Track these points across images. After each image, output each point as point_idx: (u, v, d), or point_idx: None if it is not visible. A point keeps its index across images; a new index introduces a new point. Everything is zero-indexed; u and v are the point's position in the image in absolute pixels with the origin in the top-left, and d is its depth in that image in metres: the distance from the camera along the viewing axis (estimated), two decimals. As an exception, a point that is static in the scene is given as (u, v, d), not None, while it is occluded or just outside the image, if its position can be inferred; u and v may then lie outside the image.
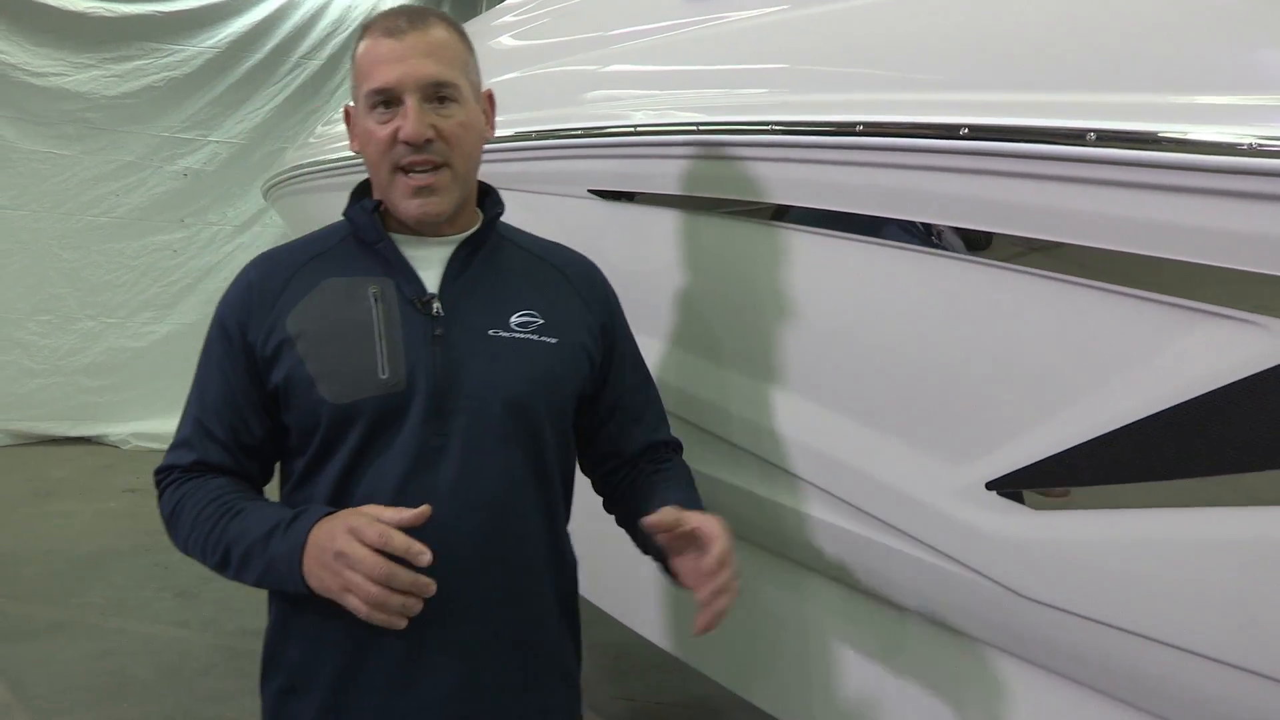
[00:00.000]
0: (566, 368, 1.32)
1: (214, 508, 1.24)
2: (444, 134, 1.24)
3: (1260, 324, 0.97)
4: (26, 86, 6.18)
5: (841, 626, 1.57)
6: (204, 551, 1.24)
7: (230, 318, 1.28)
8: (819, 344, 1.46)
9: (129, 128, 6.50)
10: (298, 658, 1.28)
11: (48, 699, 3.11)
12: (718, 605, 1.18)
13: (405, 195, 1.25)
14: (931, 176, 1.19)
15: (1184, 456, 1.05)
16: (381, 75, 1.23)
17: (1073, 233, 1.09)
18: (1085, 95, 1.05)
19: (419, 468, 1.22)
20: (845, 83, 1.37)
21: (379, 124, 1.24)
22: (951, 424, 1.27)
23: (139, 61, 6.51)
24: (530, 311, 1.30)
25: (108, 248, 6.50)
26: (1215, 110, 0.96)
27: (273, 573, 1.19)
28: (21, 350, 6.27)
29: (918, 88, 1.27)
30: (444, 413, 1.23)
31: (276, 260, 1.32)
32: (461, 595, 1.22)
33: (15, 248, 6.25)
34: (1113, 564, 1.12)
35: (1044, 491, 1.16)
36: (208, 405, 1.29)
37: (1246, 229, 0.96)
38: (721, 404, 1.64)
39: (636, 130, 1.64)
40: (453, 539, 1.20)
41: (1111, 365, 1.10)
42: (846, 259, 1.35)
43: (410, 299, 1.26)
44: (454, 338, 1.25)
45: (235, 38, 6.82)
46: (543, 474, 1.31)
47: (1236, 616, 1.03)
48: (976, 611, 1.30)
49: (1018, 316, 1.17)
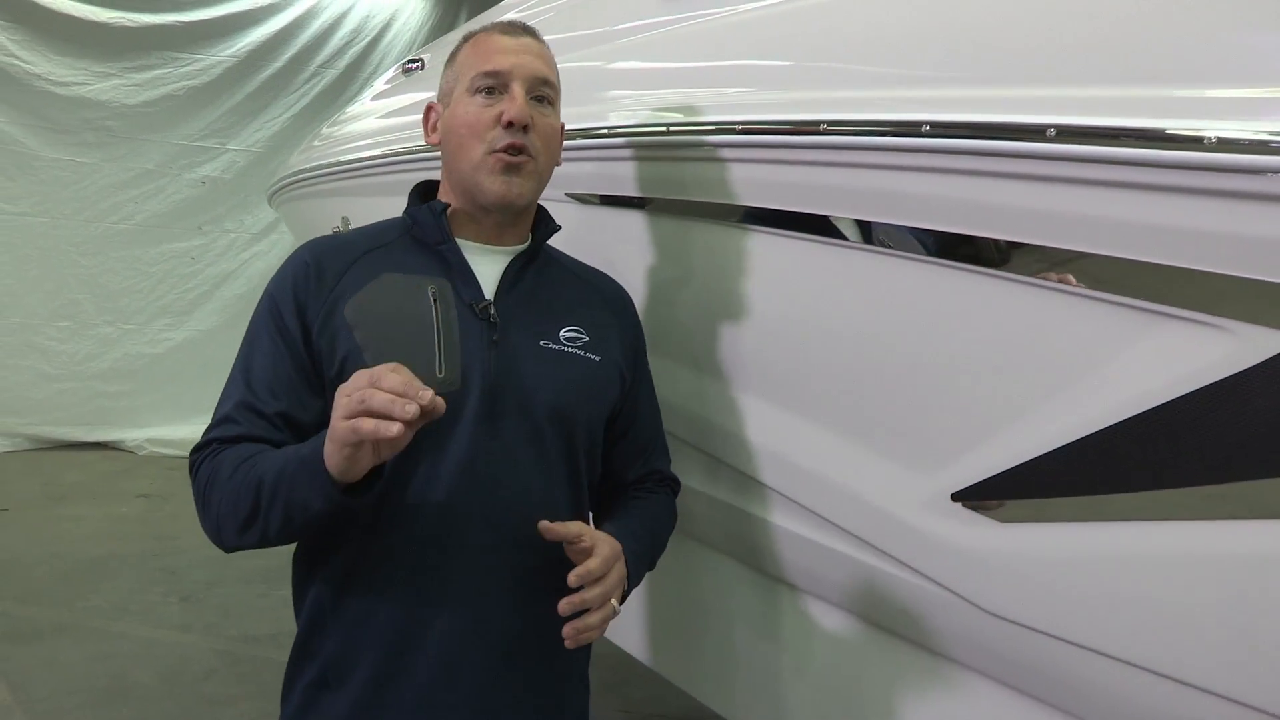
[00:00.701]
0: (605, 385, 1.36)
1: (254, 460, 1.18)
2: (539, 128, 1.30)
3: (1226, 328, 0.93)
4: (49, 95, 6.27)
5: (809, 637, 1.54)
6: (235, 505, 1.17)
7: (285, 296, 1.27)
8: (779, 347, 1.43)
9: (148, 136, 6.58)
10: (334, 650, 1.26)
11: (48, 701, 3.11)
12: (577, 623, 1.18)
13: (495, 171, 1.28)
14: (891, 176, 1.16)
15: (1152, 465, 1.01)
16: (496, 61, 1.30)
17: (1038, 233, 1.06)
18: (1047, 90, 1.02)
19: (472, 467, 1.24)
20: (819, 80, 1.34)
21: (482, 107, 1.29)
22: (915, 430, 1.24)
23: (159, 70, 6.60)
24: (577, 328, 1.35)
25: (126, 254, 6.57)
26: (1178, 103, 0.92)
27: (298, 485, 1.11)
28: (40, 355, 6.33)
29: (894, 84, 1.24)
30: (495, 415, 1.26)
31: (334, 246, 1.34)
32: (504, 591, 1.25)
33: (35, 254, 6.32)
34: (1082, 580, 1.08)
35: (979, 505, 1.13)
36: (255, 382, 1.25)
37: (1212, 228, 0.92)
38: (685, 407, 1.62)
39: (612, 133, 1.62)
40: (496, 535, 1.24)
41: (1077, 370, 1.06)
42: (805, 261, 1.32)
43: (468, 303, 1.28)
44: (509, 344, 1.28)
45: (254, 47, 6.90)
46: (576, 482, 1.35)
47: (1216, 639, 0.98)
48: (942, 627, 1.26)
49: (979, 318, 1.14)
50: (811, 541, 1.41)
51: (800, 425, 1.40)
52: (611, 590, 1.21)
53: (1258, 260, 0.89)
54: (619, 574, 1.23)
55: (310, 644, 1.29)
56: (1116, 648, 1.05)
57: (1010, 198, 1.04)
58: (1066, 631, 1.09)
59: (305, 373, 1.26)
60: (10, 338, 6.25)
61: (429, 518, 1.24)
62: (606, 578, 1.20)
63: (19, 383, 6.26)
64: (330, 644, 1.27)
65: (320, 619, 1.28)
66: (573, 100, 1.44)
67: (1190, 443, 0.97)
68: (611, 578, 1.21)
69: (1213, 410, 0.94)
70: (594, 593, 1.18)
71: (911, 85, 1.18)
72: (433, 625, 1.23)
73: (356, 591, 1.25)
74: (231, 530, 1.19)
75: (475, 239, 1.34)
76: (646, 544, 1.37)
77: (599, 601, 1.19)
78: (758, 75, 1.46)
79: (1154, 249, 0.96)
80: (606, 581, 1.20)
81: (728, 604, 1.69)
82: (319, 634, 1.28)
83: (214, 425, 1.26)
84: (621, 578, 1.24)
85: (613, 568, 1.22)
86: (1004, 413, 1.12)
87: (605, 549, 1.21)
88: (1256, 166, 0.87)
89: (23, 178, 6.26)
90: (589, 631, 1.19)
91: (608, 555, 1.21)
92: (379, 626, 1.24)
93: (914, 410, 1.23)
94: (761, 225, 1.40)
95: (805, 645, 1.56)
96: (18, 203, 6.27)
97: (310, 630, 1.29)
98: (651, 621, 1.87)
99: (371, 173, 2.71)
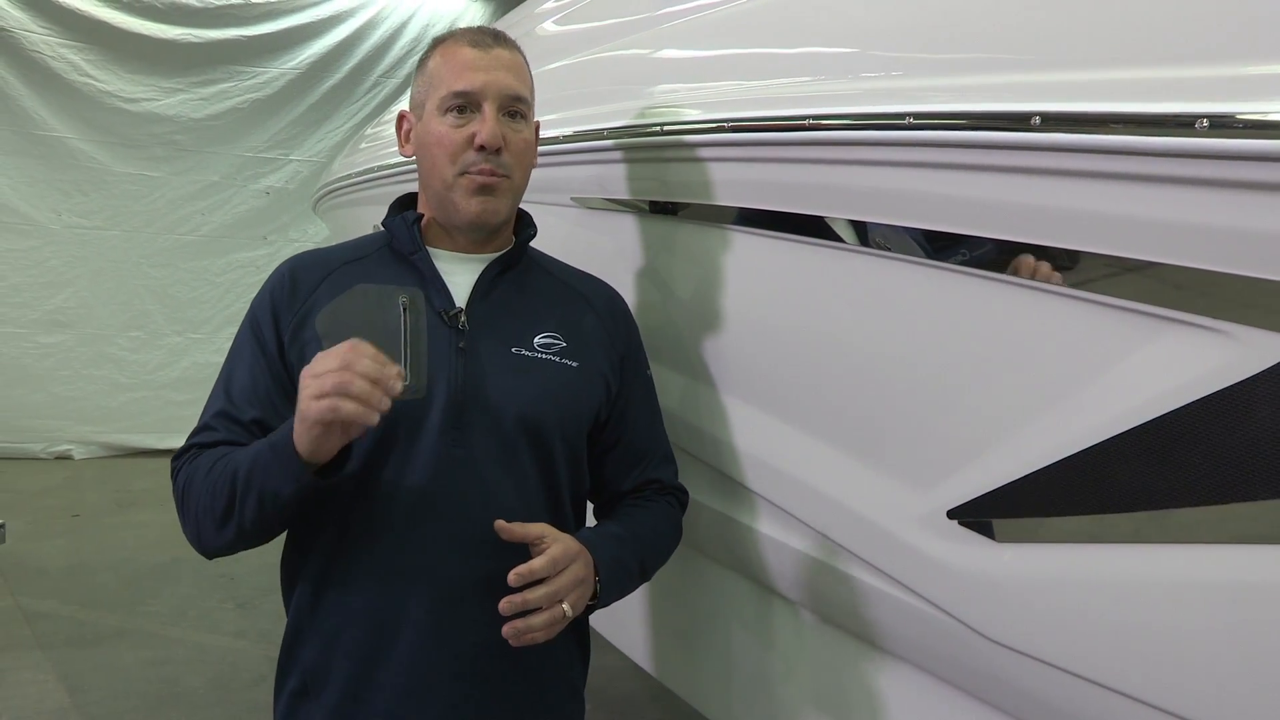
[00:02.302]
0: (583, 392, 1.32)
1: (227, 458, 1.20)
2: (511, 146, 1.28)
3: (1229, 333, 0.84)
4: (120, 112, 6.48)
5: (809, 651, 1.48)
6: (211, 503, 1.18)
7: (264, 309, 1.30)
8: (777, 356, 1.37)
9: (214, 148, 6.75)
10: (311, 660, 1.27)
11: (102, 704, 3.19)
12: (518, 623, 1.15)
13: (469, 192, 1.27)
14: (880, 172, 1.08)
15: (1150, 482, 0.92)
16: (466, 80, 1.27)
17: (1034, 232, 0.97)
18: (1030, 75, 0.93)
19: (439, 476, 1.23)
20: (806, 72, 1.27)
21: (452, 127, 1.27)
22: (911, 444, 1.16)
23: (224, 84, 6.77)
24: (554, 334, 1.32)
25: (194, 265, 6.75)
26: (1166, 85, 0.83)
27: (271, 471, 1.13)
28: (113, 365, 6.54)
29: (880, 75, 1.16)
30: (462, 424, 1.24)
31: (312, 260, 1.35)
32: (472, 603, 1.22)
33: (107, 266, 6.54)
34: (1084, 606, 0.99)
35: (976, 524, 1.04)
36: (234, 393, 1.28)
37: (1216, 223, 0.83)
38: (681, 415, 1.57)
39: (617, 134, 1.57)
40: (467, 548, 1.22)
41: (1073, 379, 0.97)
42: (801, 266, 1.26)
43: (439, 311, 1.27)
44: (477, 351, 1.27)
45: (316, 59, 7.03)
46: (554, 492, 1.31)
47: (1226, 671, 0.89)
48: (937, 649, 1.18)
49: (971, 323, 1.06)
50: (803, 554, 1.34)
51: (792, 435, 1.34)
52: (562, 592, 1.16)
53: (1259, 257, 0.80)
54: (573, 576, 1.18)
55: (293, 651, 1.30)
56: (1118, 679, 0.96)
57: (993, 192, 0.96)
58: (1064, 660, 1.00)
59: (281, 383, 1.27)
60: (85, 348, 6.47)
61: (395, 528, 1.23)
62: (556, 579, 1.16)
63: (93, 392, 6.48)
64: (309, 653, 1.28)
65: (301, 626, 1.29)
66: (573, 102, 1.40)
67: (1189, 457, 0.88)
68: (563, 579, 1.17)
69: (1213, 422, 0.85)
70: (537, 594, 1.15)
71: (894, 76, 1.10)
72: (401, 637, 1.22)
73: (329, 602, 1.25)
74: (210, 527, 1.20)
75: (452, 248, 1.33)
76: (631, 549, 1.31)
77: (545, 602, 1.15)
78: (737, 69, 1.39)
79: (1149, 246, 0.87)
80: (556, 582, 1.16)
81: (730, 615, 1.63)
82: (300, 642, 1.29)
83: (194, 433, 1.29)
84: (577, 580, 1.19)
85: (565, 570, 1.17)
86: (998, 425, 1.04)
87: (558, 549, 1.17)
88: (1258, 152, 0.78)
89: (96, 193, 6.48)
90: (531, 634, 1.15)
91: (558, 556, 1.17)
92: (350, 638, 1.24)
93: (905, 422, 1.16)
94: (757, 227, 1.33)
95: (805, 659, 1.50)
96: (91, 217, 6.49)
97: (294, 637, 1.31)
98: (655, 632, 1.82)
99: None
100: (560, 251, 1.46)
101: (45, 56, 6.26)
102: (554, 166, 1.72)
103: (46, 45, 6.27)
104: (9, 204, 6.27)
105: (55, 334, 6.42)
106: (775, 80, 1.35)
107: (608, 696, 3.19)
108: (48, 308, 6.40)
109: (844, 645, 1.39)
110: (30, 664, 3.43)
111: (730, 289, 1.40)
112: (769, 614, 1.56)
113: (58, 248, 6.41)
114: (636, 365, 1.42)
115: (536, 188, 1.77)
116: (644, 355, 1.45)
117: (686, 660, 1.78)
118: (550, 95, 1.81)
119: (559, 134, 1.68)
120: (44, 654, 3.51)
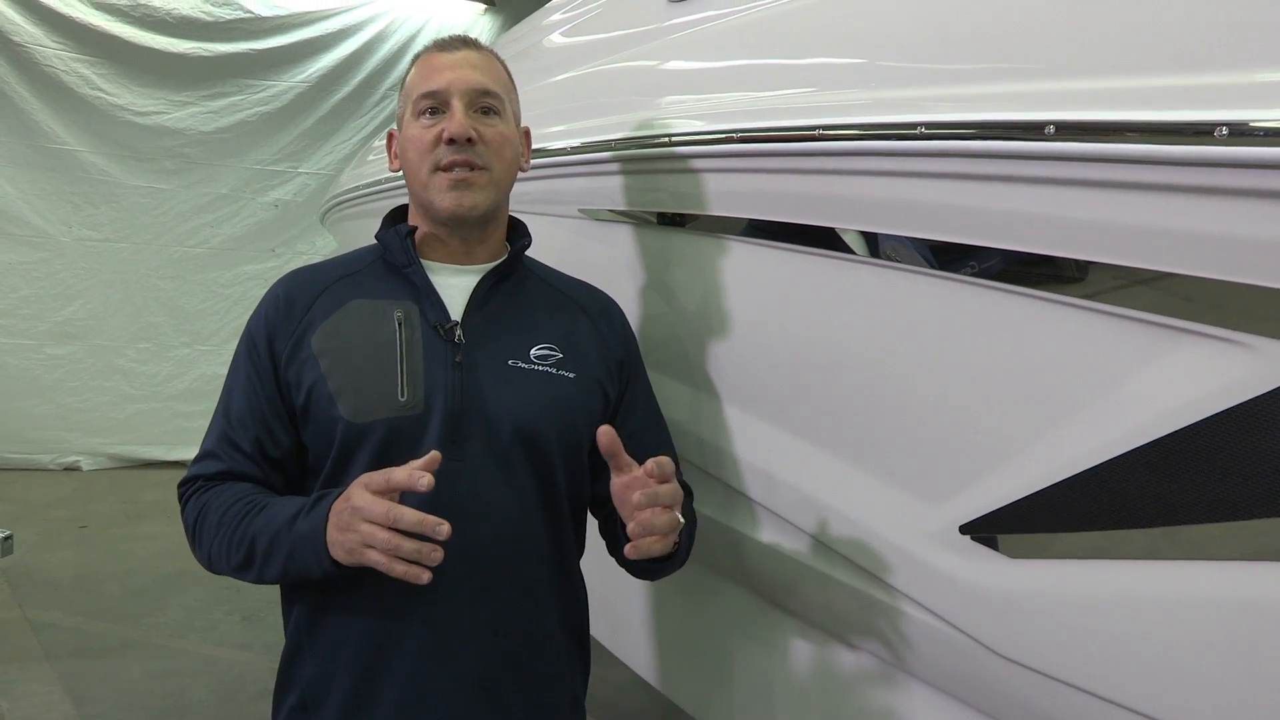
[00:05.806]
0: (581, 402, 1.32)
1: (239, 508, 1.23)
2: (485, 138, 1.28)
3: (1250, 345, 0.82)
4: (131, 125, 6.50)
5: (815, 666, 1.46)
6: (227, 552, 1.23)
7: (258, 330, 1.31)
8: (788, 369, 1.36)
9: (223, 161, 6.76)
10: (311, 675, 1.28)
11: (107, 716, 3.17)
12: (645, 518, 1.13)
13: (443, 189, 1.27)
14: (890, 182, 1.07)
15: (1166, 497, 0.90)
16: (434, 80, 1.30)
17: (1048, 243, 0.96)
18: (1043, 84, 0.92)
19: (437, 489, 1.20)
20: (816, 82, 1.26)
21: (425, 128, 1.29)
22: (923, 458, 1.14)
23: (233, 98, 6.78)
24: (550, 345, 1.31)
25: (203, 277, 6.75)
26: (1183, 92, 0.82)
27: (299, 556, 1.18)
28: (122, 377, 6.54)
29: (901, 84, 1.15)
30: (460, 438, 1.24)
31: (306, 277, 1.35)
32: (469, 615, 1.24)
33: (117, 279, 6.54)
34: (1098, 623, 0.97)
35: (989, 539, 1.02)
36: (234, 417, 1.29)
37: (1236, 233, 0.81)
38: (692, 429, 1.55)
39: (624, 145, 1.56)
40: (464, 562, 1.21)
41: (1093, 393, 0.95)
42: (813, 277, 1.24)
43: (434, 324, 1.27)
44: (474, 365, 1.26)
45: (324, 72, 7.04)
46: (553, 504, 1.31)
47: (1242, 689, 0.87)
48: (949, 665, 1.16)
49: (990, 337, 1.04)
50: (812, 569, 1.32)
51: (805, 449, 1.32)
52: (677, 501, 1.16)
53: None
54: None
55: (292, 668, 1.31)
56: (1132, 697, 0.94)
57: (1006, 203, 0.94)
58: (1076, 677, 0.98)
59: (275, 405, 1.28)
60: (94, 360, 6.47)
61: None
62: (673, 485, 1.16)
63: (102, 403, 6.47)
64: (308, 669, 1.28)
65: (300, 643, 1.30)
66: (581, 114, 1.39)
67: (1207, 473, 0.86)
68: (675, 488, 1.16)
69: (1232, 436, 0.83)
70: (666, 488, 1.14)
71: (904, 85, 1.09)
72: (401, 652, 1.23)
73: (330, 618, 1.26)
74: (225, 568, 1.26)
75: (446, 260, 1.33)
76: (689, 520, 1.31)
77: (671, 500, 1.14)
78: (745, 80, 1.38)
79: (1166, 257, 0.86)
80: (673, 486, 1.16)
81: (735, 630, 1.61)
82: (299, 658, 1.30)
83: (198, 460, 1.32)
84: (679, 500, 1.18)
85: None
86: (1012, 439, 1.02)
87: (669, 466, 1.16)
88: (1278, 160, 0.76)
89: (106, 205, 6.49)
90: (655, 536, 1.14)
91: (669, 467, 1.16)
92: (350, 653, 1.25)
93: (917, 436, 1.14)
94: (766, 238, 1.32)
95: (811, 674, 1.48)
96: (101, 229, 6.51)
97: (293, 654, 1.31)
98: (659, 645, 1.81)
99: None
100: (568, 264, 1.45)
101: (58, 71, 6.28)
102: (562, 178, 1.71)
103: (59, 59, 6.30)
104: (20, 216, 6.28)
105: (64, 345, 6.42)
106: (784, 90, 1.35)
107: (617, 711, 3.16)
108: (57, 319, 6.40)
109: (853, 661, 1.37)
110: (37, 675, 3.42)
111: (741, 301, 1.39)
112: (774, 628, 1.54)
113: (68, 260, 6.41)
114: (634, 372, 1.41)
115: (544, 199, 1.78)
116: (641, 362, 1.44)
117: (691, 674, 1.76)
118: (558, 107, 1.81)
119: (566, 145, 1.68)
120: (50, 665, 3.50)
